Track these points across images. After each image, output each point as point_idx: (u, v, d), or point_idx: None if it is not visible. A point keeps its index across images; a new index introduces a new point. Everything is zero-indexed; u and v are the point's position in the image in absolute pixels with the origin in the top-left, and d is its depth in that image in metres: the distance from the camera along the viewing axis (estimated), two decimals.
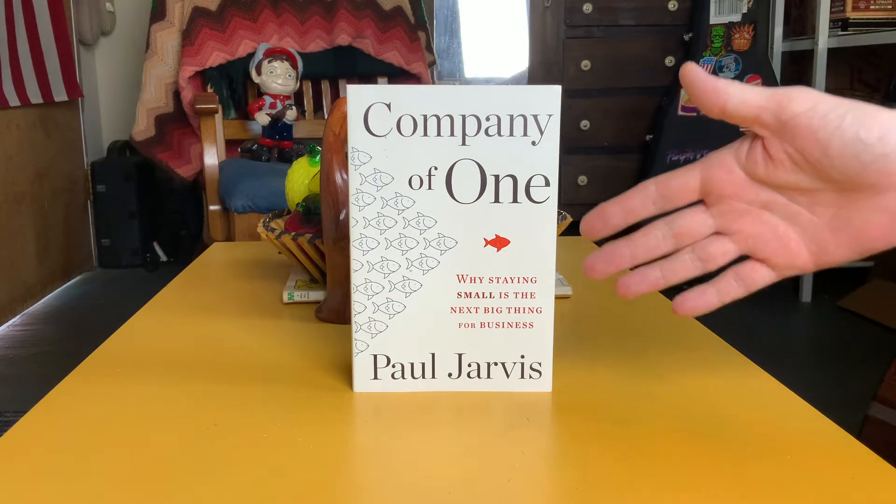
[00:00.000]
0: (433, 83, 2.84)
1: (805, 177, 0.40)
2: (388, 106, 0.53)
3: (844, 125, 0.38)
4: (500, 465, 0.47)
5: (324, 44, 2.48)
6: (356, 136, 0.54)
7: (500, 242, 0.55)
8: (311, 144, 0.91)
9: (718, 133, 2.61)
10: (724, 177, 0.43)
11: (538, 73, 2.94)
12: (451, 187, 0.54)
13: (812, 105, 0.39)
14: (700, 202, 0.45)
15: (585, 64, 2.88)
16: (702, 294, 0.46)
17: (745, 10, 2.61)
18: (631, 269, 0.48)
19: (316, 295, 0.82)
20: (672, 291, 0.50)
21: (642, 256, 0.46)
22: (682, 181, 0.44)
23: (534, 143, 0.54)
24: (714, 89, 0.41)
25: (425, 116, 0.53)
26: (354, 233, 0.55)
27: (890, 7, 2.46)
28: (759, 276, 0.44)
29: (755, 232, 0.43)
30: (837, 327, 2.27)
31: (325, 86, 2.52)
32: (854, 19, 2.46)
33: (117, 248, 2.91)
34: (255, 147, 2.26)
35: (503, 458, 0.48)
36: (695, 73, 0.42)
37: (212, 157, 2.18)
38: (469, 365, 0.58)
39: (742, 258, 0.45)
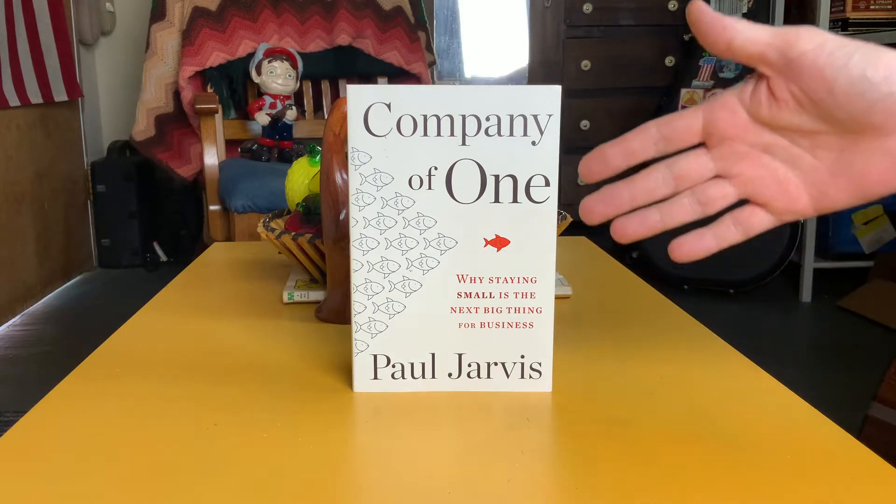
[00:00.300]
0: (433, 83, 2.84)
1: (809, 118, 0.40)
2: (388, 106, 0.53)
3: (851, 63, 0.38)
4: (500, 465, 0.47)
5: (324, 44, 2.48)
6: (356, 136, 0.54)
7: (500, 242, 0.55)
8: (311, 144, 0.91)
9: None
10: (727, 118, 0.42)
11: (538, 73, 2.94)
12: (451, 187, 0.54)
13: (819, 43, 0.39)
14: (701, 146, 0.44)
15: (585, 64, 2.88)
16: (699, 238, 0.45)
17: (745, 10, 2.61)
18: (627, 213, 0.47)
19: (316, 295, 0.82)
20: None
21: (641, 199, 0.45)
22: (685, 122, 0.44)
23: (534, 143, 0.54)
24: (721, 26, 0.41)
25: (425, 116, 0.53)
26: (354, 233, 0.55)
27: (890, 7, 2.47)
28: (758, 221, 0.44)
29: (755, 175, 0.43)
30: (837, 327, 2.27)
31: (325, 86, 2.52)
32: (854, 19, 2.46)
33: (117, 248, 2.91)
34: (255, 147, 2.26)
35: (503, 458, 0.48)
36: (702, 10, 0.41)
37: (212, 157, 2.18)
38: (469, 365, 0.58)
39: (741, 203, 0.45)
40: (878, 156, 0.39)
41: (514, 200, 0.54)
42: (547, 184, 0.54)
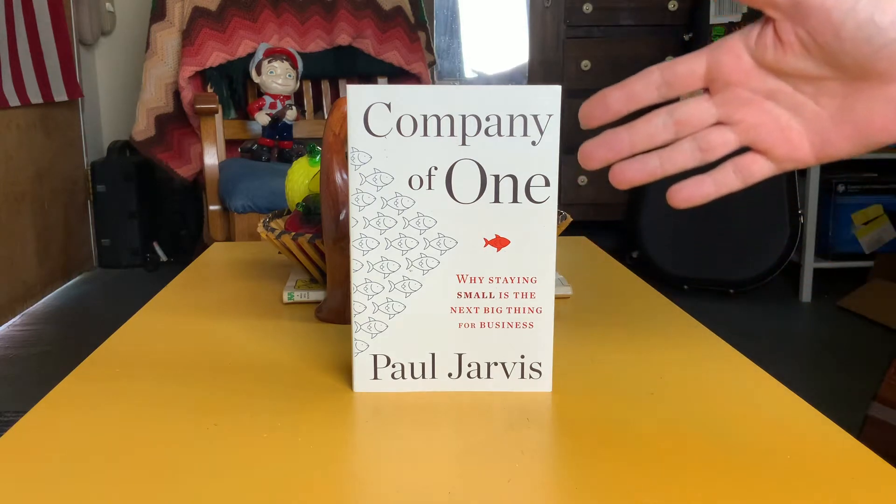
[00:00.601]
0: (433, 83, 2.84)
1: (813, 63, 0.40)
2: (388, 106, 0.53)
3: (859, 7, 0.38)
4: (500, 465, 0.47)
5: (324, 44, 2.48)
6: (356, 136, 0.54)
7: (500, 242, 0.55)
8: (311, 144, 0.91)
9: None
10: (732, 62, 0.42)
11: (538, 73, 2.94)
12: (451, 187, 0.54)
13: None
14: (703, 91, 0.44)
15: (585, 64, 2.88)
16: (699, 184, 0.44)
17: (745, 10, 2.61)
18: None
19: (316, 295, 0.82)
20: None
21: (641, 144, 0.44)
22: (688, 67, 0.43)
23: (534, 143, 0.54)
24: None
25: (425, 116, 0.53)
26: (354, 233, 0.55)
27: None
28: (758, 168, 0.44)
29: (757, 122, 0.42)
30: (837, 327, 2.27)
31: (325, 86, 2.52)
32: None
33: (117, 248, 2.91)
34: (255, 147, 2.26)
35: (503, 458, 0.48)
36: None
37: (212, 157, 2.18)
38: (469, 365, 0.58)
39: (742, 151, 0.44)
40: (881, 103, 0.39)
41: (514, 200, 0.54)
42: (547, 184, 0.54)
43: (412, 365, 0.57)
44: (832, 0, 0.38)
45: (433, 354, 0.57)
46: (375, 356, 0.57)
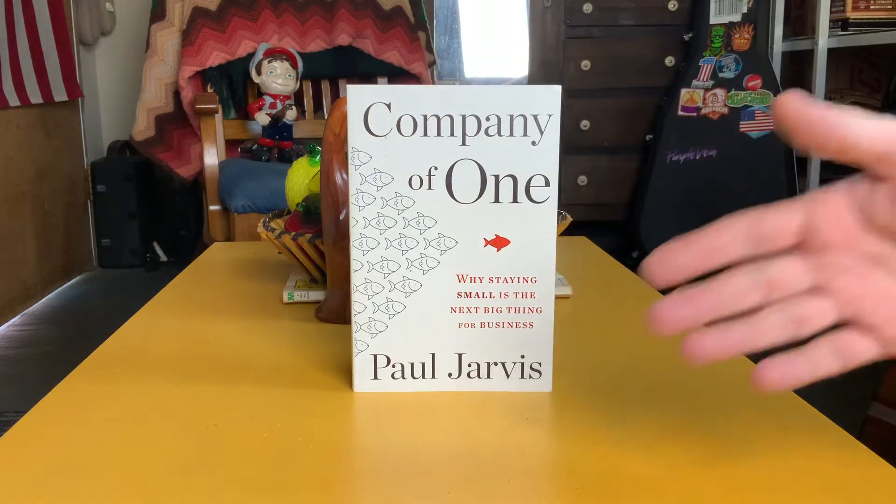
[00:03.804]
0: (433, 83, 2.84)
1: None
2: (388, 106, 0.53)
3: None
4: (500, 465, 0.47)
5: (324, 44, 2.48)
6: (356, 136, 0.54)
7: (500, 242, 0.55)
8: (311, 144, 0.91)
9: (719, 133, 2.61)
10: (833, 220, 0.35)
11: (538, 74, 2.94)
12: (451, 187, 0.54)
13: None
14: (794, 249, 0.36)
15: (585, 64, 2.88)
16: (790, 364, 0.37)
17: (745, 10, 2.61)
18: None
19: (316, 295, 0.82)
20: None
21: (727, 308, 0.36)
22: (781, 220, 0.35)
23: (534, 143, 0.54)
24: (831, 122, 0.33)
25: (425, 116, 0.53)
26: (354, 233, 0.55)
27: (890, 7, 2.46)
28: (863, 349, 0.36)
29: (861, 293, 0.35)
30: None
31: (325, 86, 2.52)
32: (854, 19, 2.46)
33: (117, 248, 2.91)
34: (255, 147, 2.26)
35: (503, 458, 0.48)
36: (800, 104, 0.33)
37: (212, 157, 2.17)
38: (469, 365, 0.58)
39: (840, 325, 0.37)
40: None
41: (514, 200, 0.54)
42: (547, 184, 0.54)
43: (412, 365, 0.57)
44: None
45: (433, 354, 0.57)
46: (375, 356, 0.57)
